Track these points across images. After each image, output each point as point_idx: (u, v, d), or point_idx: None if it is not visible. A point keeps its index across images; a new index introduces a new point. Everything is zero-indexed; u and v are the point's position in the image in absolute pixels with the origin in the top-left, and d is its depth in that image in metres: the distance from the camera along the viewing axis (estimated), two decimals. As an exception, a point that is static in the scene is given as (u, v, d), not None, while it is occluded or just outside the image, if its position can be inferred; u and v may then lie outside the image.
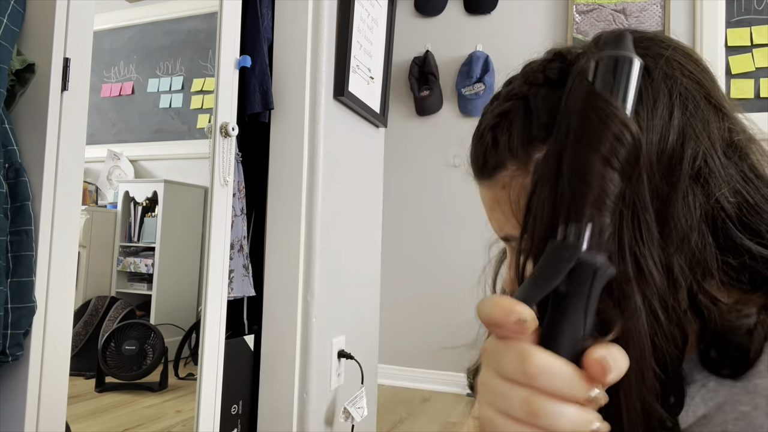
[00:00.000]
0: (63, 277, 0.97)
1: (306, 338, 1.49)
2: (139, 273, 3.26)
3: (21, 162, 0.93)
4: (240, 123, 1.45)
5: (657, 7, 2.24)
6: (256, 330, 1.55)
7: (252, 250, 1.59)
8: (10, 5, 0.91)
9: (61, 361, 0.97)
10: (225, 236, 1.41)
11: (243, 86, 1.49)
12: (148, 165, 3.69)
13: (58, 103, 0.95)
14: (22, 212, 0.90)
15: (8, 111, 0.94)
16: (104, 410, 2.21)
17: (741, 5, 2.14)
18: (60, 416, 0.98)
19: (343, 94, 1.61)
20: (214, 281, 1.37)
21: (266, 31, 1.54)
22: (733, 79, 2.11)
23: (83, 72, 1.00)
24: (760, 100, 2.08)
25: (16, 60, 0.91)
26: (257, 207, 1.61)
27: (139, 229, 3.33)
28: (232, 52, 1.43)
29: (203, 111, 3.53)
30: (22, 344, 0.90)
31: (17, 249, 0.89)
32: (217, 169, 1.38)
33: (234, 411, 1.47)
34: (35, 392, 0.92)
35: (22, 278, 0.89)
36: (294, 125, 1.53)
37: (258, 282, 1.55)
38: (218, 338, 1.38)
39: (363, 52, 1.76)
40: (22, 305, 0.88)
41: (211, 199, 1.38)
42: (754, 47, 2.10)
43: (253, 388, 1.53)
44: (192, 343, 2.87)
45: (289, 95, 1.55)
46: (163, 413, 2.21)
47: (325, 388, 1.57)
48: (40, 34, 0.95)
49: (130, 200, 3.36)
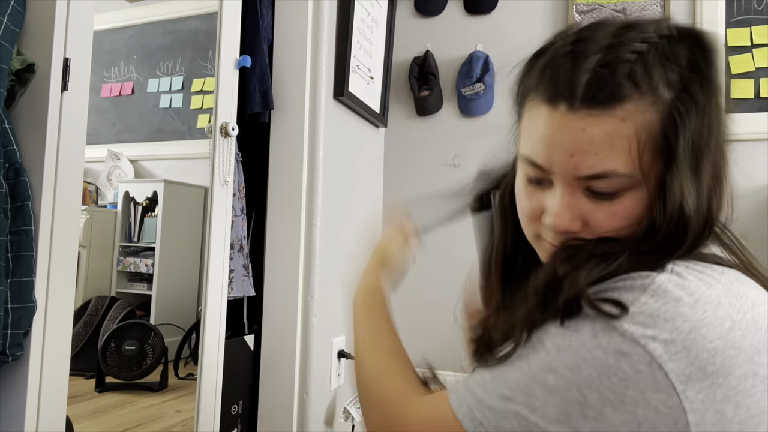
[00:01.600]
0: (63, 277, 0.97)
1: (306, 338, 1.49)
2: (139, 273, 3.26)
3: (21, 162, 0.92)
4: (240, 123, 1.45)
5: (657, 7, 2.24)
6: (256, 330, 1.55)
7: (252, 250, 1.59)
8: (10, 5, 0.91)
9: (61, 361, 0.97)
10: (225, 236, 1.40)
11: (243, 86, 1.49)
12: (148, 165, 3.69)
13: (58, 103, 0.95)
14: (22, 212, 0.90)
15: (8, 111, 0.94)
16: (104, 410, 2.21)
17: (741, 5, 2.14)
18: (60, 416, 0.98)
19: (343, 94, 1.61)
20: (214, 281, 1.37)
21: (266, 31, 1.54)
22: (733, 79, 2.10)
23: (83, 72, 1.00)
24: (760, 100, 2.08)
25: (16, 60, 0.91)
26: (257, 207, 1.61)
27: (139, 229, 3.33)
28: (232, 52, 1.43)
29: (203, 111, 3.52)
30: (22, 344, 0.90)
31: (17, 249, 0.89)
32: (217, 169, 1.38)
33: (234, 411, 1.47)
34: (35, 392, 0.92)
35: (22, 278, 0.89)
36: (294, 125, 1.53)
37: (258, 282, 1.55)
38: (218, 338, 1.38)
39: (363, 52, 1.76)
40: (22, 305, 0.88)
41: (211, 199, 1.38)
42: (754, 47, 2.10)
43: (253, 388, 1.53)
44: (192, 343, 2.87)
45: (289, 95, 1.55)
46: (163, 413, 2.21)
47: (325, 388, 1.57)
48: (40, 34, 0.95)
49: (130, 200, 3.36)
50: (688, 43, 0.49)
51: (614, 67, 0.47)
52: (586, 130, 0.47)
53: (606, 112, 0.47)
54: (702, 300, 0.44)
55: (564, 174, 0.50)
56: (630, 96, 0.46)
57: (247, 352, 1.52)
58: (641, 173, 0.48)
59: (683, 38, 0.49)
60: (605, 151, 0.47)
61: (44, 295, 0.93)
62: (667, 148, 0.48)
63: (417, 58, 2.38)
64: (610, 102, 0.47)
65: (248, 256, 1.55)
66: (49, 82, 0.94)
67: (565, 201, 0.51)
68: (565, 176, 0.50)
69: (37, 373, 0.93)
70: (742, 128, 2.10)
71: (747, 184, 2.07)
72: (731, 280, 0.47)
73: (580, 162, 0.48)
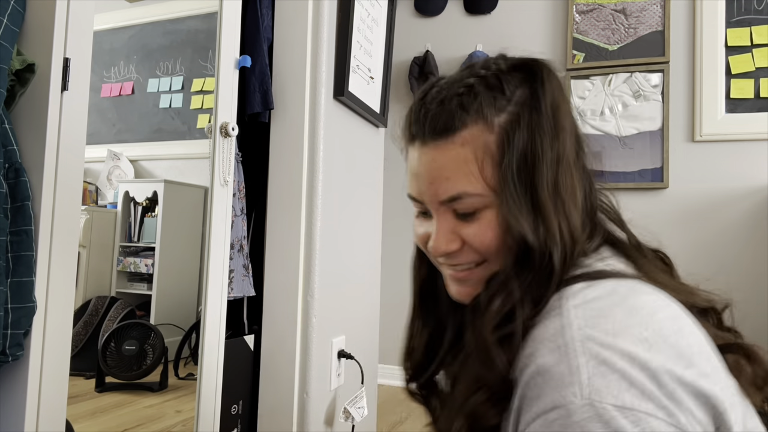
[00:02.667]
0: (63, 277, 0.97)
1: (306, 338, 1.49)
2: (139, 273, 3.26)
3: (21, 162, 0.92)
4: (240, 123, 1.45)
5: (657, 7, 2.24)
6: (256, 330, 1.55)
7: (252, 250, 1.59)
8: (10, 5, 0.91)
9: (61, 361, 0.97)
10: (225, 236, 1.40)
11: (243, 86, 1.49)
12: (148, 165, 3.69)
13: (58, 103, 0.95)
14: (22, 212, 0.90)
15: (8, 111, 0.94)
16: (104, 410, 2.21)
17: (741, 5, 2.14)
18: (60, 416, 0.98)
19: (343, 94, 1.61)
20: (214, 281, 1.37)
21: (266, 31, 1.54)
22: (733, 79, 2.11)
23: (83, 72, 1.00)
24: (760, 100, 2.08)
25: (16, 60, 0.91)
26: (257, 207, 1.61)
27: (139, 229, 3.33)
28: (232, 52, 1.43)
29: (203, 111, 3.52)
30: (22, 344, 0.90)
31: (17, 249, 0.89)
32: (217, 169, 1.38)
33: (234, 411, 1.47)
34: (35, 392, 0.92)
35: (22, 278, 0.89)
36: (294, 125, 1.53)
37: (258, 282, 1.55)
38: (218, 338, 1.38)
39: (363, 52, 1.76)
40: (22, 305, 0.88)
41: (211, 199, 1.38)
42: (754, 47, 2.10)
43: (253, 388, 1.53)
44: (192, 343, 2.87)
45: (289, 95, 1.55)
46: (163, 413, 2.21)
47: (325, 388, 1.57)
48: (40, 34, 0.95)
49: (130, 200, 3.36)
50: (520, 72, 0.56)
51: (449, 102, 0.55)
52: (436, 159, 0.55)
53: (447, 140, 0.54)
54: (617, 331, 0.44)
55: (431, 202, 0.57)
56: (464, 123, 0.54)
57: (247, 352, 1.52)
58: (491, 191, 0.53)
59: (516, 69, 0.56)
60: (455, 175, 0.54)
61: (44, 295, 0.93)
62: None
63: (417, 58, 2.38)
64: (448, 131, 0.54)
65: (248, 256, 1.55)
66: (49, 82, 0.94)
67: (439, 225, 0.57)
68: (432, 203, 0.57)
69: (37, 373, 0.93)
70: (742, 128, 2.10)
71: (747, 184, 2.07)
72: (624, 296, 0.48)
73: (437, 188, 0.55)
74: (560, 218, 0.52)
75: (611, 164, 2.23)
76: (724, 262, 2.05)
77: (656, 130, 2.19)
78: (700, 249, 2.08)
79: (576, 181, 0.55)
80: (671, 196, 2.16)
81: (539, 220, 0.52)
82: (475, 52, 2.29)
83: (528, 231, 0.51)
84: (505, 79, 0.55)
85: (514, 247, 0.53)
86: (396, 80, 2.32)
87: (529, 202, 0.52)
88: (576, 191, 0.55)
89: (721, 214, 2.08)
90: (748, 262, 2.00)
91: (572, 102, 0.46)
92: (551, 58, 0.59)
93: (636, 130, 2.21)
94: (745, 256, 2.01)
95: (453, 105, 0.54)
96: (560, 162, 0.53)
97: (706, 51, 2.13)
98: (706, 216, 2.10)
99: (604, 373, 0.41)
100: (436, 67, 2.34)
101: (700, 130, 2.14)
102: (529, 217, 0.52)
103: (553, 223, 0.52)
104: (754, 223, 2.01)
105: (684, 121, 2.17)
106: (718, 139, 2.12)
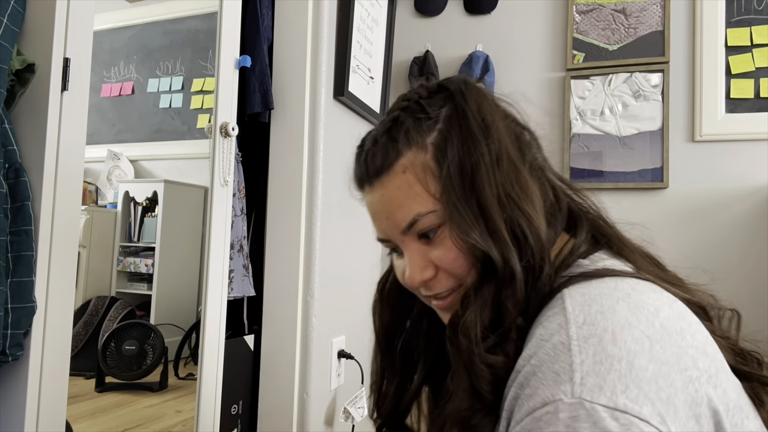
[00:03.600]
0: (63, 277, 0.97)
1: (306, 338, 1.49)
2: (139, 273, 3.26)
3: (21, 162, 0.92)
4: (240, 123, 1.45)
5: (657, 7, 2.24)
6: (256, 330, 1.55)
7: (252, 250, 1.59)
8: (10, 5, 0.91)
9: (61, 361, 0.97)
10: (225, 236, 1.40)
11: (243, 86, 1.49)
12: (148, 165, 3.69)
13: (58, 103, 0.95)
14: (22, 212, 0.90)
15: (8, 111, 0.94)
16: (104, 410, 2.21)
17: (741, 5, 2.14)
18: (60, 416, 0.98)
19: (343, 94, 1.61)
20: (214, 281, 1.37)
21: (266, 31, 1.54)
22: (733, 79, 2.10)
23: (83, 72, 1.00)
24: (760, 100, 2.08)
25: (16, 60, 0.91)
26: (257, 207, 1.61)
27: (139, 229, 3.33)
28: (232, 52, 1.43)
29: (203, 111, 3.53)
30: (22, 344, 0.90)
31: (17, 249, 0.89)
32: (217, 169, 1.38)
33: (234, 411, 1.47)
34: (35, 392, 0.92)
35: (22, 278, 0.89)
36: (294, 125, 1.53)
37: (258, 282, 1.55)
38: (218, 338, 1.38)
39: (363, 52, 1.76)
40: (22, 305, 0.88)
41: (211, 199, 1.38)
42: (754, 47, 2.10)
43: (253, 388, 1.53)
44: (192, 343, 2.87)
45: (289, 95, 1.55)
46: (163, 413, 2.21)
47: (325, 388, 1.57)
48: (40, 34, 0.95)
49: (130, 200, 3.36)
50: (441, 93, 0.59)
51: (381, 138, 0.58)
52: (384, 194, 0.57)
53: (389, 173, 0.56)
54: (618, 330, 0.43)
55: (395, 236, 0.58)
56: (399, 152, 0.56)
57: (247, 352, 1.52)
58: (442, 206, 0.54)
59: (436, 92, 0.59)
60: (405, 201, 0.56)
61: (44, 295, 0.93)
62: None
63: (417, 58, 2.38)
64: (387, 165, 0.56)
65: (248, 256, 1.55)
66: (49, 82, 0.94)
67: (409, 256, 0.58)
68: (396, 237, 0.58)
69: (37, 373, 0.93)
70: (743, 128, 2.10)
71: (747, 184, 2.07)
72: (627, 292, 0.47)
73: (394, 219, 0.57)
74: (515, 217, 0.52)
75: (611, 164, 2.22)
76: (724, 262, 2.05)
77: (656, 130, 2.19)
78: (700, 249, 2.08)
79: (525, 177, 0.55)
80: (671, 196, 2.16)
81: (489, 225, 0.52)
82: (475, 52, 2.29)
83: (477, 237, 0.52)
84: (428, 103, 0.58)
85: (478, 260, 0.53)
86: (396, 80, 2.32)
87: (475, 208, 0.52)
88: (528, 187, 0.54)
89: (721, 214, 2.08)
90: (748, 262, 2.00)
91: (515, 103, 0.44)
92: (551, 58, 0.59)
93: (636, 130, 2.21)
94: (745, 256, 2.01)
95: (384, 140, 0.57)
96: (500, 161, 0.54)
97: (706, 51, 2.13)
98: (707, 216, 2.10)
99: (599, 373, 0.40)
100: (436, 67, 2.34)
101: (700, 130, 2.14)
102: (478, 223, 0.52)
103: (499, 224, 0.52)
104: (754, 223, 2.01)
105: (684, 121, 2.17)
106: (718, 139, 2.12)
